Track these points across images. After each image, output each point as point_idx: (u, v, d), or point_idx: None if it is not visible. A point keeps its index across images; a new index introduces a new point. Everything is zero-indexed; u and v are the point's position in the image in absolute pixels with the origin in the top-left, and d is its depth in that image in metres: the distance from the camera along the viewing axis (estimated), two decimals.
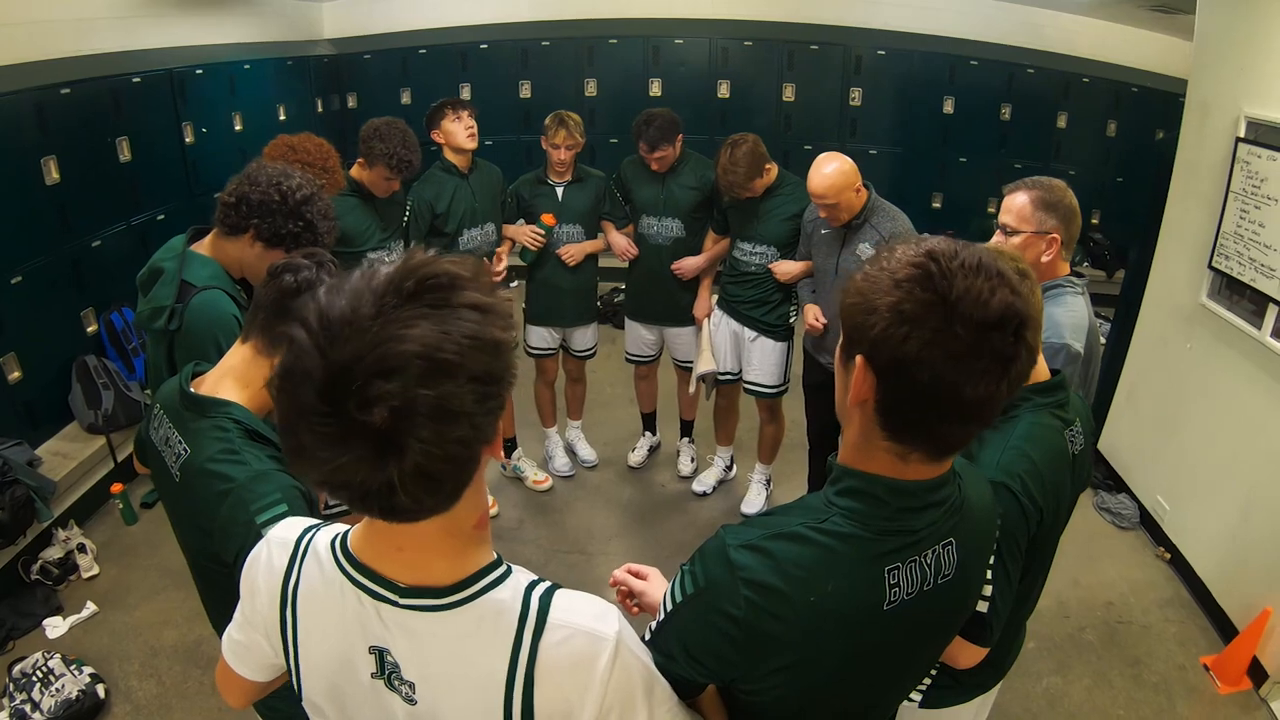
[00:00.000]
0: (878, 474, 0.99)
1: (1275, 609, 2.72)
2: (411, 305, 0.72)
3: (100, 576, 3.28)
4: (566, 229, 3.53)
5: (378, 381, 0.69)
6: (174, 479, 1.39)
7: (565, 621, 0.87)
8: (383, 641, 0.88)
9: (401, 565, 0.87)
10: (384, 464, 0.71)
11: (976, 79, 5.97)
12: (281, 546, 0.97)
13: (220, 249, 1.90)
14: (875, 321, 0.90)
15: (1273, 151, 2.82)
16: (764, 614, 0.97)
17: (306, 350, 0.71)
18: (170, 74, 4.18)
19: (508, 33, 6.07)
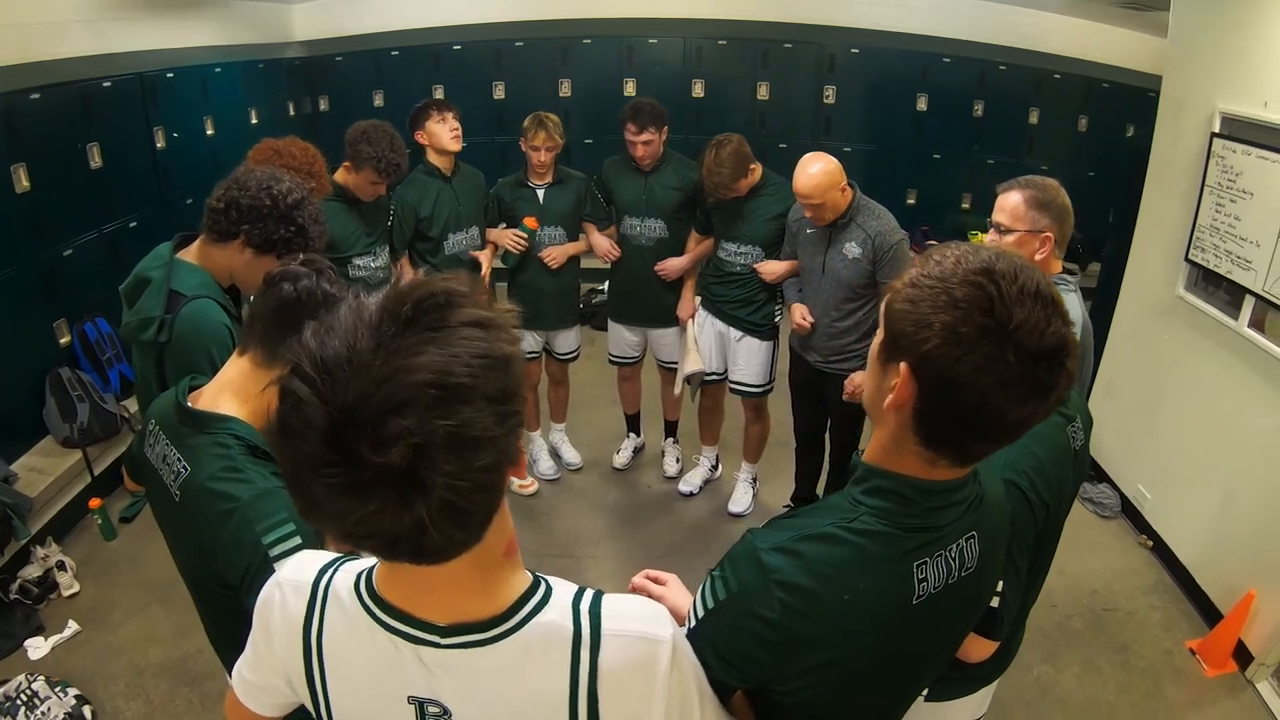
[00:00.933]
0: (906, 474, 1.00)
1: (1258, 592, 2.79)
2: (411, 331, 0.68)
3: (81, 594, 3.19)
4: (548, 231, 3.51)
5: (390, 418, 0.64)
6: (173, 498, 1.34)
7: (621, 630, 0.85)
8: (425, 690, 0.83)
9: (436, 606, 0.82)
10: (410, 506, 0.67)
11: (949, 76, 6.04)
12: (296, 590, 0.90)
13: (208, 256, 1.84)
14: (928, 336, 0.90)
15: (1247, 146, 2.89)
16: (798, 615, 0.97)
17: (305, 399, 0.66)
18: (141, 78, 4.09)
19: (481, 33, 6.02)
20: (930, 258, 0.96)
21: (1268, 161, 2.80)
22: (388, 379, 0.65)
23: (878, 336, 1.01)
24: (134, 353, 1.96)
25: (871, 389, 1.03)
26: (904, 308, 0.94)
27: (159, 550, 3.28)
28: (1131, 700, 2.80)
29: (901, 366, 0.94)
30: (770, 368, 3.52)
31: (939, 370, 0.90)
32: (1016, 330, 0.87)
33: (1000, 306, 0.87)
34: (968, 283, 0.89)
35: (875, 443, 1.05)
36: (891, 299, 0.97)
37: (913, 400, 0.94)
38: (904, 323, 0.93)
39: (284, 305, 1.35)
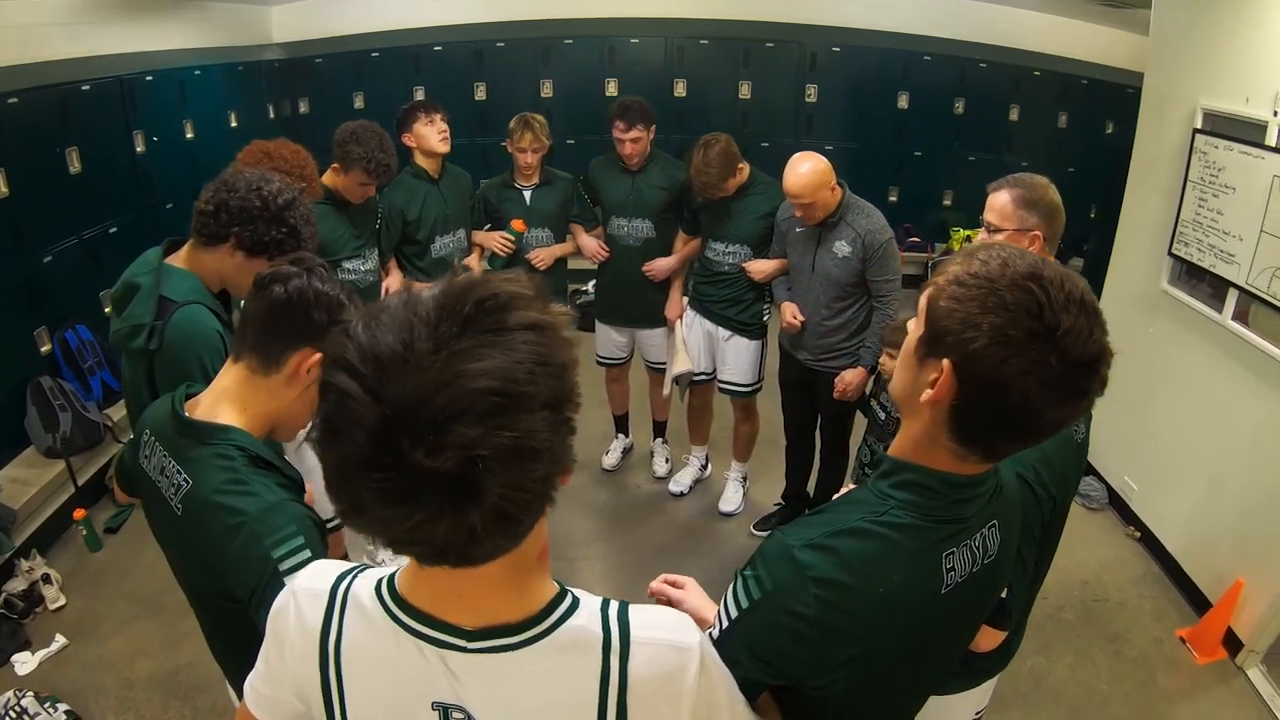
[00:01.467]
0: (936, 468, 1.02)
1: (1246, 580, 2.84)
2: (470, 332, 0.66)
3: (67, 607, 3.14)
4: (535, 233, 3.49)
5: (453, 426, 0.63)
6: (174, 512, 1.30)
7: (649, 638, 0.84)
8: (450, 696, 0.82)
9: (464, 608, 0.81)
10: (464, 515, 0.66)
11: (930, 74, 6.09)
12: (313, 598, 0.88)
13: (198, 261, 1.80)
14: (976, 337, 0.91)
15: (1229, 142, 2.94)
16: (834, 610, 0.99)
17: (354, 396, 0.64)
18: (120, 81, 4.02)
19: (462, 34, 5.97)
20: (975, 257, 0.96)
21: (1249, 156, 2.85)
22: (449, 383, 0.63)
23: (915, 331, 1.02)
24: (123, 360, 1.93)
25: (906, 382, 1.04)
26: (950, 305, 0.94)
27: (146, 561, 3.28)
28: (1124, 689, 2.84)
29: (944, 363, 0.95)
30: (759, 367, 3.53)
31: (985, 370, 0.92)
32: (1064, 337, 0.89)
33: (1049, 312, 0.89)
34: (1017, 286, 0.90)
35: (905, 437, 1.06)
36: (934, 295, 0.98)
37: (951, 397, 0.96)
38: (949, 320, 0.94)
39: (276, 308, 1.32)
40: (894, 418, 2.88)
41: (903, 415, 1.09)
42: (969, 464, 1.02)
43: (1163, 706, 2.79)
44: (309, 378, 1.34)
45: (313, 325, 1.31)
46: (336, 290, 1.35)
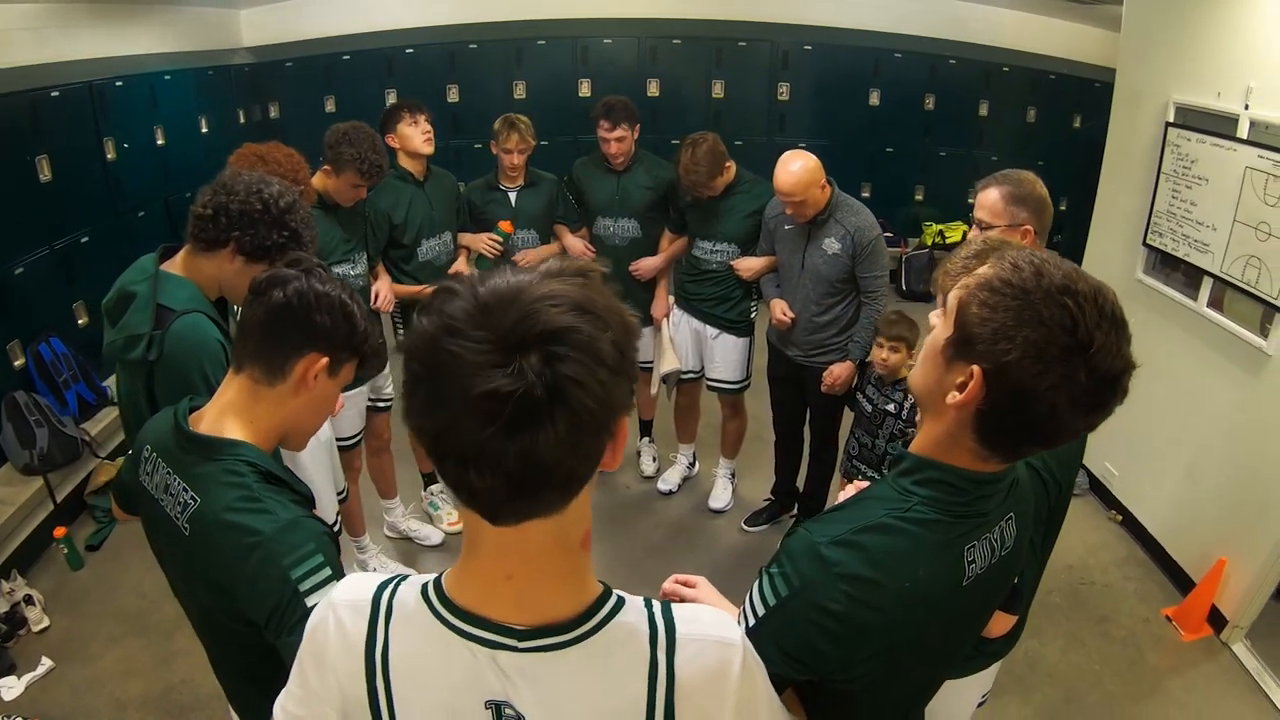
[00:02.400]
0: (957, 466, 1.04)
1: (1229, 559, 2.94)
2: (565, 277, 0.74)
3: (52, 628, 3.04)
4: (521, 234, 3.47)
5: (545, 344, 0.69)
6: (181, 532, 1.24)
7: (695, 634, 0.85)
8: (502, 694, 0.82)
9: (514, 602, 0.82)
10: (552, 421, 0.69)
11: (901, 71, 6.18)
12: (354, 610, 0.87)
13: (195, 267, 1.73)
14: (1010, 349, 0.93)
15: (1201, 135, 3.03)
16: (862, 605, 1.00)
17: (461, 320, 0.70)
18: (90, 86, 3.91)
19: (434, 36, 5.91)
20: (1005, 262, 0.98)
21: (1222, 149, 2.94)
22: (541, 309, 0.70)
23: (943, 331, 1.03)
24: (118, 373, 1.85)
25: (930, 381, 1.06)
26: (983, 313, 0.96)
27: (130, 578, 3.22)
28: (1116, 669, 2.92)
29: (974, 370, 0.97)
30: (747, 364, 3.56)
31: (1016, 381, 0.94)
32: (1095, 354, 0.91)
33: (1083, 329, 0.91)
34: (1053, 301, 0.92)
35: (927, 435, 1.08)
36: (965, 299, 0.99)
37: (978, 402, 0.98)
38: (982, 328, 0.96)
39: (277, 313, 1.27)
40: (880, 410, 2.94)
41: (923, 412, 1.11)
42: (989, 463, 1.04)
43: (1153, 684, 2.87)
44: (317, 384, 1.30)
45: (316, 329, 1.28)
46: (338, 290, 1.31)
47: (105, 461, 3.73)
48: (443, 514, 3.68)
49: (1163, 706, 2.77)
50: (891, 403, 2.91)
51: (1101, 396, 0.94)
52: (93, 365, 3.92)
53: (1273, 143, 2.77)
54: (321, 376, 1.30)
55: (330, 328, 1.29)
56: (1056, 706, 2.77)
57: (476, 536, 0.82)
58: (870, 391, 2.99)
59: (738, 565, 3.39)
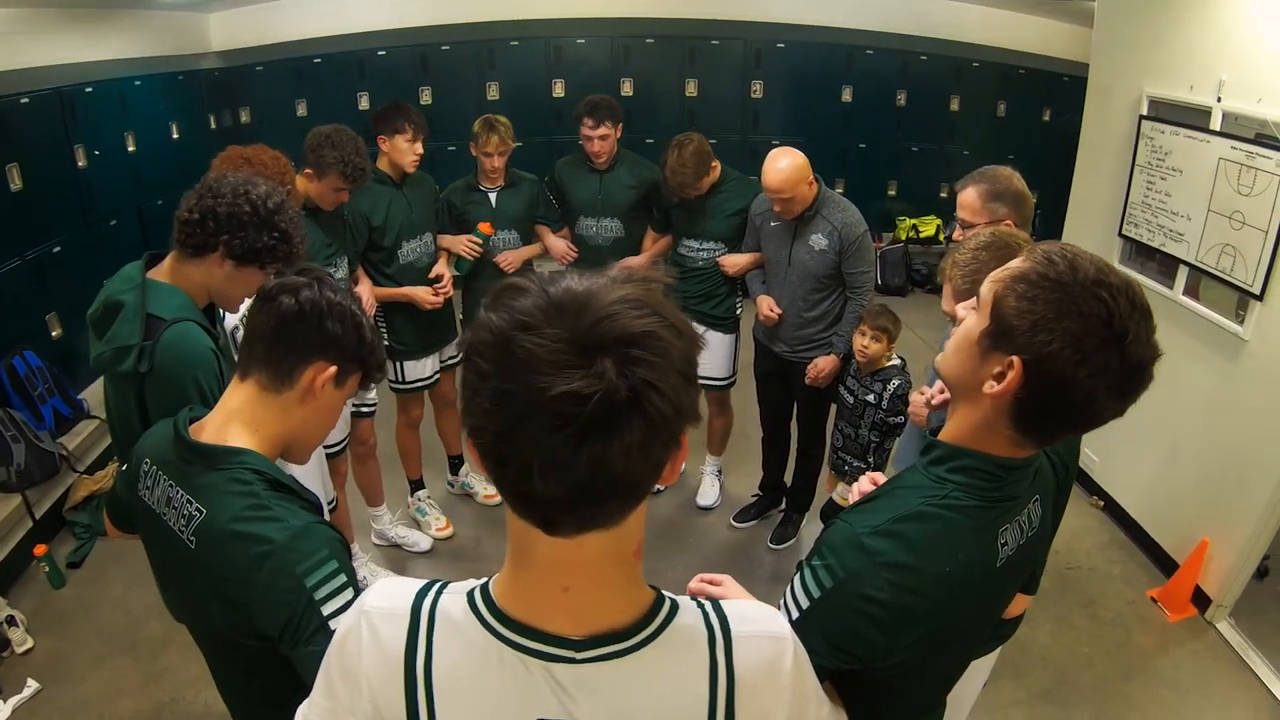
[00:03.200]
0: (992, 454, 1.07)
1: (1211, 539, 3.02)
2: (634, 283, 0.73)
3: (36, 649, 2.96)
4: (502, 235, 3.44)
5: (622, 347, 0.67)
6: (185, 545, 1.20)
7: (749, 632, 0.86)
8: (558, 711, 0.79)
9: (570, 613, 0.80)
10: (626, 429, 0.67)
11: (872, 67, 6.25)
12: (391, 619, 0.84)
13: (183, 274, 1.68)
14: (1050, 340, 0.96)
15: (1175, 127, 3.11)
16: (906, 592, 1.03)
17: (537, 324, 0.67)
18: (59, 93, 3.81)
19: (406, 38, 5.86)
20: (1037, 255, 1.02)
21: (1195, 141, 3.02)
22: (619, 313, 0.68)
23: (978, 323, 1.06)
24: (106, 386, 1.79)
25: (965, 372, 1.08)
26: (1021, 306, 1.00)
27: (113, 595, 3.15)
28: (1105, 650, 2.99)
29: (1014, 360, 0.99)
30: (733, 361, 3.58)
31: (1057, 371, 0.97)
32: (1130, 343, 0.96)
33: (1118, 320, 0.95)
34: (1090, 294, 0.96)
35: (961, 423, 1.11)
36: (1001, 293, 1.02)
37: (1016, 390, 1.01)
38: (1020, 320, 0.99)
39: (287, 320, 1.24)
40: (861, 401, 2.99)
41: (956, 400, 1.13)
42: (1023, 449, 1.08)
43: (1142, 663, 2.94)
44: (323, 394, 1.28)
45: (327, 337, 1.26)
46: (348, 300, 1.30)
47: (84, 476, 3.64)
48: (430, 520, 3.65)
49: (1152, 685, 2.84)
50: (871, 393, 2.96)
51: (1133, 383, 0.98)
52: (68, 378, 3.83)
53: (1245, 134, 2.85)
54: (328, 386, 1.28)
55: (341, 337, 1.27)
56: (1050, 688, 2.82)
57: (529, 547, 0.79)
58: (851, 383, 3.04)
59: (728, 561, 3.41)
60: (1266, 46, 2.74)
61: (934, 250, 6.68)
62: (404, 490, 3.68)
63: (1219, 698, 2.78)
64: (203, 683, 2.83)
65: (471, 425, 0.71)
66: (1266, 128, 2.77)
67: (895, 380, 2.92)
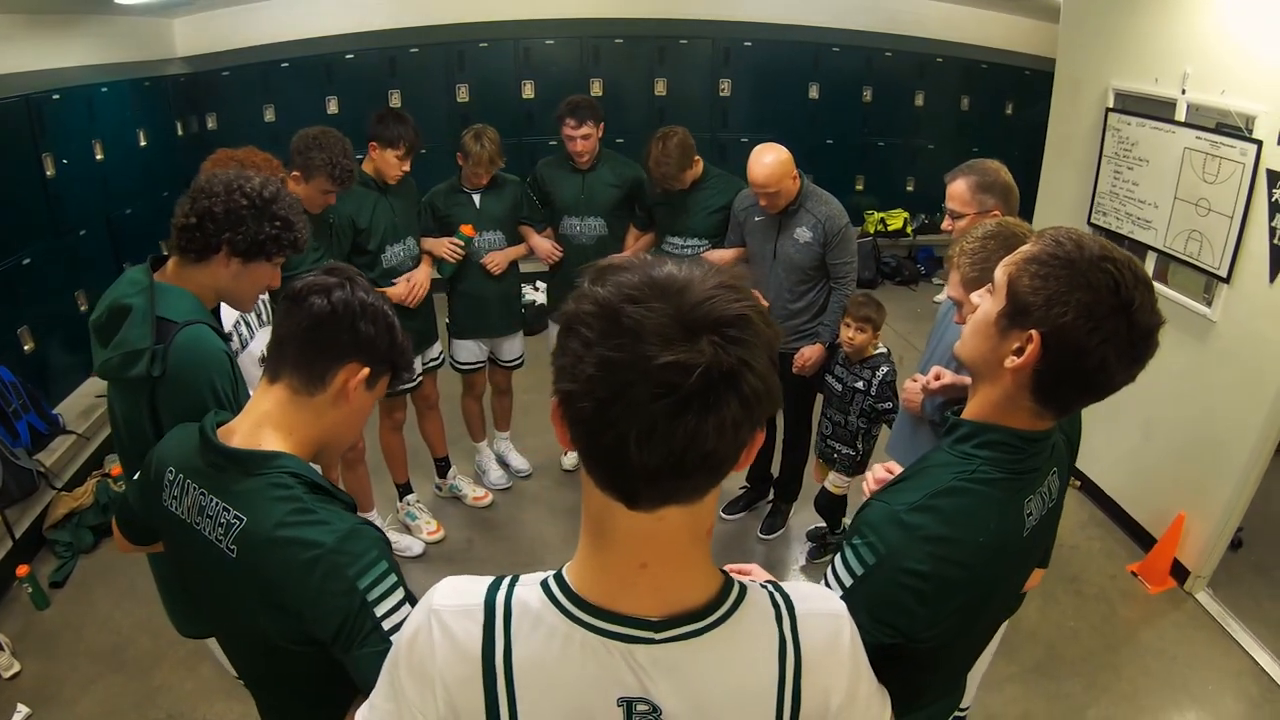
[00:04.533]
0: (1015, 427, 1.14)
1: (1188, 513, 3.14)
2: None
3: (23, 673, 2.87)
4: (487, 236, 3.44)
5: (721, 327, 0.70)
6: (225, 554, 1.17)
7: (811, 609, 0.89)
8: (637, 690, 0.81)
9: (650, 592, 0.81)
10: (724, 406, 0.70)
11: (839, 64, 6.36)
12: (464, 615, 0.84)
13: (188, 279, 1.65)
14: (1065, 312, 1.04)
15: (1141, 119, 3.23)
16: (945, 563, 1.09)
17: (645, 303, 0.70)
18: (26, 100, 3.70)
19: (374, 41, 5.80)
20: (1045, 238, 1.10)
21: (1161, 131, 3.15)
22: (715, 296, 0.71)
23: (994, 305, 1.14)
24: (111, 394, 1.74)
25: (985, 351, 1.16)
26: (1035, 284, 1.08)
27: (99, 614, 3.10)
28: (1091, 624, 3.10)
29: (1033, 334, 1.07)
30: None
31: (1071, 340, 1.04)
32: (1136, 310, 1.03)
33: (1125, 290, 1.03)
34: (1097, 268, 1.04)
35: (984, 401, 1.18)
36: (1015, 274, 1.10)
37: (1035, 363, 1.08)
38: (1035, 297, 1.07)
39: (319, 322, 1.22)
40: (850, 388, 3.05)
41: (977, 380, 1.20)
42: (1043, 421, 1.14)
43: (1128, 634, 3.06)
44: (356, 395, 1.27)
45: (361, 338, 1.25)
46: (380, 300, 1.29)
47: (63, 493, 3.55)
48: (421, 524, 3.63)
49: (1139, 655, 2.95)
50: (860, 380, 3.03)
51: (1142, 348, 1.06)
52: (42, 393, 3.73)
53: (1209, 124, 2.97)
54: (360, 388, 1.27)
55: (374, 338, 1.26)
56: (1041, 663, 2.92)
57: (608, 524, 0.80)
58: (839, 371, 3.10)
59: (721, 553, 3.45)
60: (1230, 40, 2.86)
61: (901, 243, 6.82)
62: (392, 495, 3.66)
63: (1202, 664, 2.90)
64: (199, 697, 2.79)
65: (570, 392, 0.72)
66: (1229, 117, 2.90)
67: (884, 367, 2.99)
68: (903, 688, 1.12)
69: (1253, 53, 2.80)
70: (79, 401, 4.06)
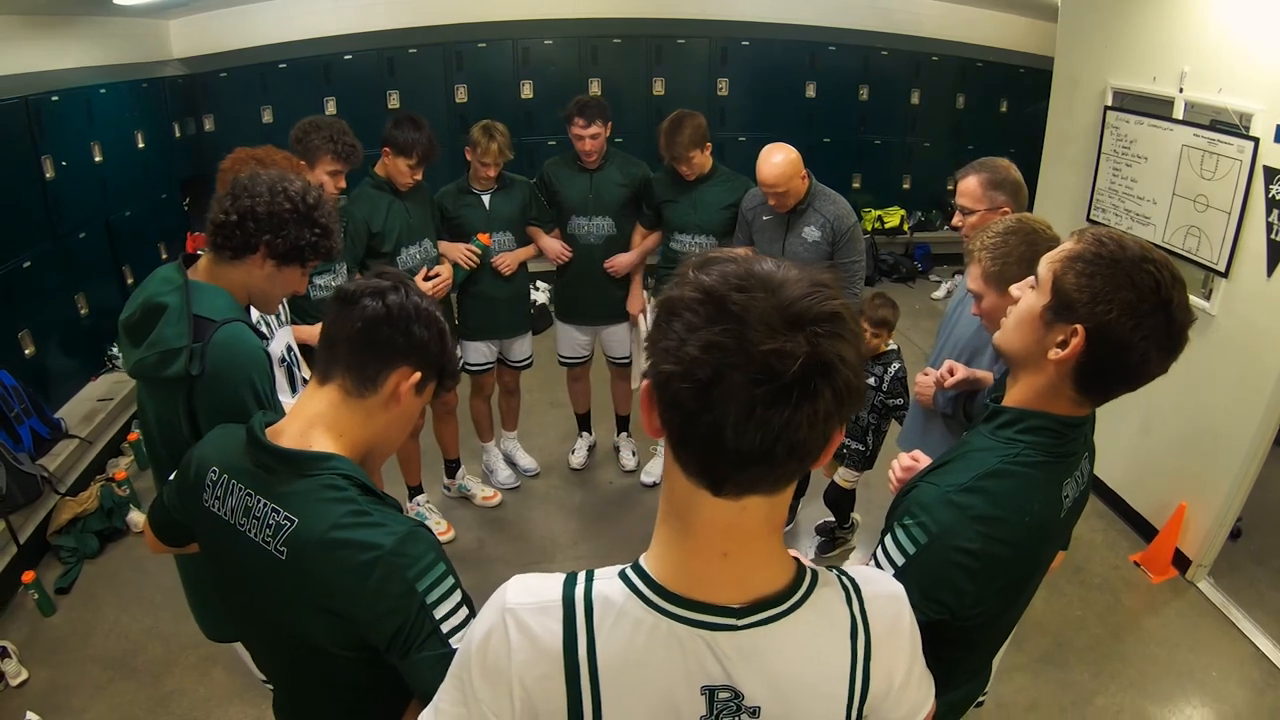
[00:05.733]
0: (1058, 414, 1.22)
1: (1189, 504, 3.20)
2: None
3: (31, 681, 2.84)
4: (497, 237, 3.44)
5: (828, 320, 0.72)
6: (274, 556, 1.15)
7: (875, 591, 0.92)
8: (720, 678, 0.83)
9: (732, 580, 0.83)
10: (818, 399, 0.72)
11: (835, 63, 6.41)
12: (541, 612, 0.84)
13: (222, 277, 1.63)
14: (1109, 309, 1.11)
15: (1139, 117, 3.29)
16: (994, 541, 1.15)
17: (748, 292, 0.72)
18: (25, 102, 3.66)
19: (372, 41, 5.78)
20: (1087, 237, 1.17)
21: (1159, 129, 3.20)
22: (812, 293, 0.74)
23: (1039, 300, 1.20)
24: (141, 394, 1.72)
25: (1029, 343, 1.22)
26: (1080, 281, 1.15)
27: (106, 620, 3.09)
28: (1097, 613, 3.15)
29: (1078, 329, 1.13)
30: None
31: (1115, 336, 1.12)
32: (1175, 308, 1.12)
33: (1164, 289, 1.11)
34: (1139, 268, 1.11)
35: (1026, 390, 1.25)
36: (1060, 272, 1.17)
37: (1078, 355, 1.14)
38: (1080, 294, 1.14)
39: (374, 325, 1.21)
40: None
41: (1018, 370, 1.27)
42: (1082, 408, 1.22)
43: (1132, 623, 3.11)
44: (408, 399, 1.26)
45: (414, 341, 1.24)
46: (433, 305, 1.28)
47: (67, 499, 3.52)
48: (431, 524, 3.62)
49: (1144, 643, 3.01)
50: (871, 376, 3.06)
51: (1177, 341, 1.14)
52: (43, 397, 3.69)
53: (1203, 121, 3.03)
54: (410, 392, 1.26)
55: (427, 342, 1.26)
56: (1050, 651, 2.96)
57: (691, 513, 0.82)
58: None
59: None
60: (1227, 39, 2.92)
61: (898, 240, 6.88)
62: (402, 495, 3.66)
63: (1206, 651, 2.96)
64: (213, 702, 2.78)
65: (671, 373, 0.73)
66: (1225, 114, 2.95)
67: (895, 364, 3.03)
68: (941, 666, 1.16)
69: (1250, 52, 2.86)
70: (81, 406, 4.03)
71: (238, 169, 2.06)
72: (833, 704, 0.88)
